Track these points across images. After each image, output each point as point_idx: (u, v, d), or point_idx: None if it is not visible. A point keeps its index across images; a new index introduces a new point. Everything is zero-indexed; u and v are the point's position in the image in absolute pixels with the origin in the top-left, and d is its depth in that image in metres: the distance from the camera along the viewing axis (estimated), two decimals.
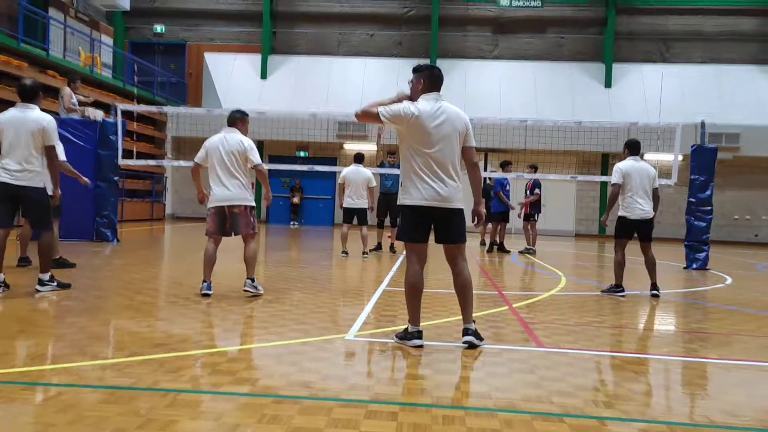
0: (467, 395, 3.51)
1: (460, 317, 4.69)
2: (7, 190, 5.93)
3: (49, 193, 6.40)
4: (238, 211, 6.31)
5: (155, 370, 3.66)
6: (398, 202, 4.65)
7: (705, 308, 7.28)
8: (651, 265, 7.62)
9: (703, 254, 11.66)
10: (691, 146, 11.97)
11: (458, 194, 4.55)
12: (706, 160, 11.73)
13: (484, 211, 4.70)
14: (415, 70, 4.80)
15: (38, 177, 6.00)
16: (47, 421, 2.83)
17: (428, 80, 4.70)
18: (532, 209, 13.57)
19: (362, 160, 11.51)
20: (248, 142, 6.37)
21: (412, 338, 4.54)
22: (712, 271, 11.29)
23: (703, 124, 12.17)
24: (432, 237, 4.62)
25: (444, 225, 4.58)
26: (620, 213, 7.59)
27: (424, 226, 4.58)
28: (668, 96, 21.76)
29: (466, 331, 4.58)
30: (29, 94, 6.08)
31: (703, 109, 20.95)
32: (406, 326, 4.68)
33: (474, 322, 4.66)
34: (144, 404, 3.09)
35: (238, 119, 6.49)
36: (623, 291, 7.54)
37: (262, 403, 3.18)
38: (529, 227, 13.72)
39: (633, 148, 7.64)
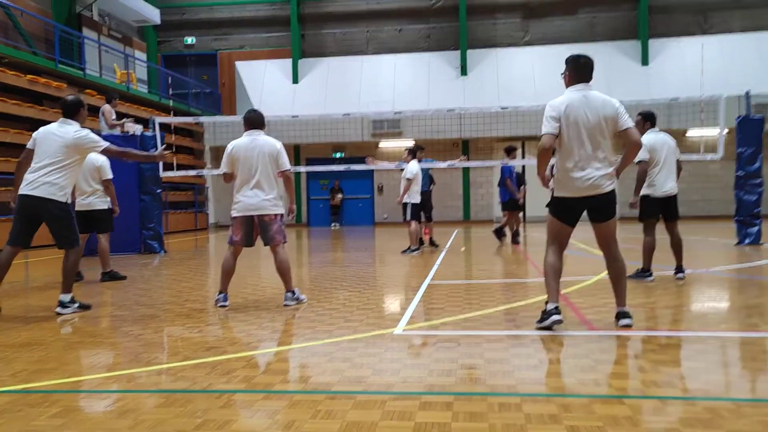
0: (522, 382, 3.45)
1: (508, 306, 4.64)
2: (28, 202, 5.67)
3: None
4: (268, 219, 5.90)
5: (209, 373, 3.71)
6: (554, 195, 4.72)
7: (761, 283, 7.04)
8: (678, 246, 7.11)
9: (755, 229, 11.30)
10: (737, 118, 11.61)
11: (608, 180, 4.54)
12: (753, 131, 11.36)
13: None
14: (565, 62, 4.77)
15: (61, 191, 5.70)
16: (109, 426, 2.89)
17: (573, 72, 4.70)
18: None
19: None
20: (280, 145, 5.98)
21: (549, 315, 4.59)
22: (766, 246, 10.91)
23: (747, 95, 11.79)
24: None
25: (596, 210, 4.63)
26: (643, 191, 7.02)
27: (573, 214, 4.68)
28: (709, 68, 21.07)
29: (624, 315, 4.66)
30: (71, 111, 5.94)
31: (747, 80, 20.23)
32: (543, 309, 4.72)
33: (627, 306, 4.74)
34: (200, 406, 3.12)
35: (262, 121, 6.06)
36: (652, 275, 7.14)
37: (316, 400, 3.18)
38: None
39: (652, 119, 7.08)
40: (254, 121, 6.04)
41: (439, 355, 4.06)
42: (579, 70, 4.66)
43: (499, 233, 12.86)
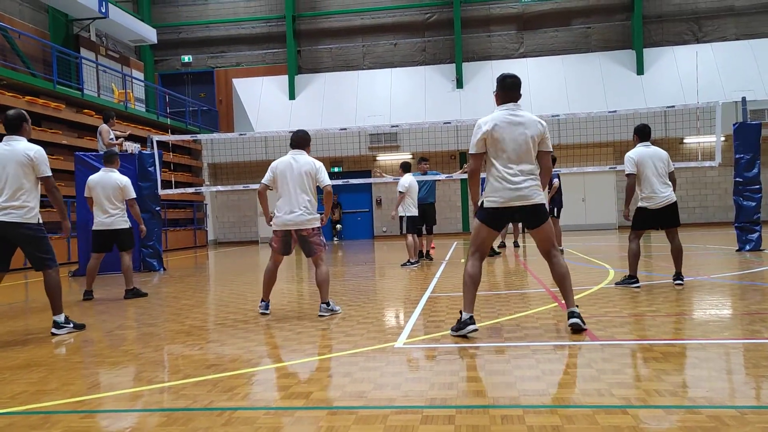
0: (525, 393, 3.43)
1: (508, 318, 4.64)
2: None
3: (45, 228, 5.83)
4: (306, 233, 6.20)
5: (210, 391, 3.69)
6: (484, 205, 4.87)
7: (763, 289, 7.02)
8: (678, 253, 7.21)
9: (755, 235, 11.31)
10: (733, 124, 11.65)
11: (537, 191, 4.82)
12: (751, 137, 11.40)
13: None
14: (496, 81, 5.03)
15: (31, 213, 5.53)
16: None
17: (500, 92, 4.95)
18: (552, 204, 12.19)
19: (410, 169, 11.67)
20: (319, 163, 6.28)
21: (465, 325, 4.77)
22: (767, 252, 10.90)
23: (744, 101, 11.84)
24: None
25: (527, 219, 4.86)
26: (640, 204, 7.18)
27: (501, 221, 4.89)
28: (705, 76, 21.26)
29: (571, 314, 4.83)
30: (13, 126, 5.67)
31: (743, 86, 20.41)
32: (458, 318, 4.88)
33: (577, 306, 4.91)
34: (201, 424, 3.10)
35: (306, 141, 6.38)
36: (638, 282, 7.23)
37: (318, 416, 3.16)
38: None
39: (643, 134, 7.21)
40: (295, 141, 6.41)
41: (440, 368, 4.04)
42: (506, 90, 4.92)
43: (492, 251, 12.72)
